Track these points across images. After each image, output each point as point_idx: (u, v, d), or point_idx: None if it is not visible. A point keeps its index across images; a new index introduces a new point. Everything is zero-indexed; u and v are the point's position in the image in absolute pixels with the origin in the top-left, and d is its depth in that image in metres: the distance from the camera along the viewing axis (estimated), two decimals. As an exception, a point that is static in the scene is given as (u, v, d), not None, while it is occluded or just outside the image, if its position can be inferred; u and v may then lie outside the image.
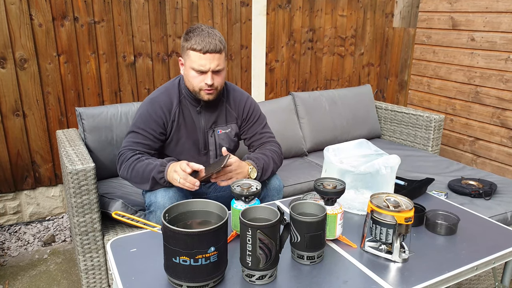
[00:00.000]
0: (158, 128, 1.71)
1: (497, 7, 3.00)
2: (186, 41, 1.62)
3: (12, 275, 2.17)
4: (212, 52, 1.59)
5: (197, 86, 1.66)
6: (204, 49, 1.58)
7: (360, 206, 1.52)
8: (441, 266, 1.20)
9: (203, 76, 1.63)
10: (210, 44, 1.58)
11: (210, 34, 1.60)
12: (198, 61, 1.60)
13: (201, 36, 1.59)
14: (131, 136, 1.70)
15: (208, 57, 1.59)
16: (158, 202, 1.59)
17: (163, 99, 1.73)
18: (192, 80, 1.66)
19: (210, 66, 1.61)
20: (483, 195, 2.11)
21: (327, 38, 3.30)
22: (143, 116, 1.71)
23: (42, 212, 2.62)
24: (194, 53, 1.60)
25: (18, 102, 2.37)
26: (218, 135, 1.80)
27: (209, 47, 1.58)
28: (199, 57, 1.59)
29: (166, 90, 1.76)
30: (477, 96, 3.22)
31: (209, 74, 1.62)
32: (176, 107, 1.73)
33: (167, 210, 1.10)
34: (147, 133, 1.69)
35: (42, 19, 2.32)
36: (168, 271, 1.06)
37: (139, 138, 1.69)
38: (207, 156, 1.82)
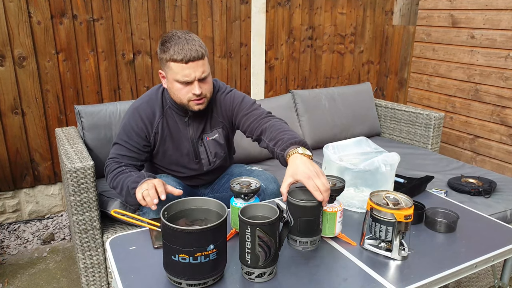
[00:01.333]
0: (141, 141, 1.65)
1: (497, 5, 2.99)
2: (164, 52, 1.50)
3: (11, 273, 2.17)
4: (194, 60, 1.47)
5: (184, 98, 1.55)
6: (186, 58, 1.46)
7: (360, 204, 1.52)
8: (440, 264, 1.20)
9: (189, 87, 1.52)
10: (191, 51, 1.46)
11: (188, 41, 1.48)
12: (182, 72, 1.49)
13: (179, 44, 1.47)
14: (116, 148, 1.65)
15: (191, 66, 1.48)
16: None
17: (144, 110, 1.64)
18: (178, 93, 1.55)
19: (196, 75, 1.50)
20: (482, 193, 2.11)
21: (326, 35, 3.30)
22: (125, 128, 1.65)
23: (41, 210, 2.62)
24: (175, 64, 1.48)
25: (17, 100, 2.36)
26: (206, 142, 1.73)
27: (190, 55, 1.46)
28: (182, 68, 1.48)
29: (149, 100, 1.67)
30: (477, 94, 3.21)
31: (195, 83, 1.51)
32: (160, 118, 1.65)
33: (166, 208, 1.10)
34: (131, 146, 1.63)
35: (41, 17, 2.32)
36: (168, 269, 1.06)
37: (123, 150, 1.63)
38: (200, 164, 1.76)
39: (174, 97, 1.59)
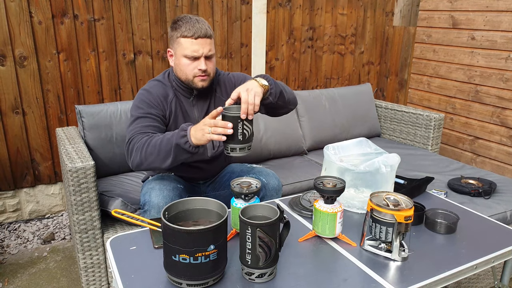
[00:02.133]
0: (160, 112, 1.67)
1: (497, 6, 3.00)
2: (175, 30, 1.62)
3: (11, 273, 2.17)
4: (203, 37, 1.60)
5: (190, 74, 1.64)
6: (196, 35, 1.58)
7: (360, 205, 1.52)
8: (440, 265, 1.20)
9: (196, 63, 1.62)
10: (201, 29, 1.59)
11: (198, 21, 1.61)
12: (191, 47, 1.60)
13: (190, 23, 1.60)
14: (137, 122, 1.62)
15: (200, 42, 1.60)
16: (153, 202, 1.58)
17: (159, 90, 1.71)
18: (185, 69, 1.64)
19: (203, 51, 1.61)
20: (482, 194, 2.11)
21: (327, 36, 3.30)
22: (143, 103, 1.66)
23: (41, 210, 2.62)
24: (185, 40, 1.60)
25: (17, 100, 2.37)
26: None
27: (200, 32, 1.59)
28: (192, 43, 1.59)
29: (159, 83, 1.74)
30: (477, 95, 3.22)
31: (202, 59, 1.62)
32: (173, 97, 1.72)
33: (167, 208, 1.10)
34: (154, 116, 1.64)
35: (42, 17, 2.32)
36: (168, 269, 1.06)
37: (147, 121, 1.62)
38: (204, 147, 1.78)
39: (180, 73, 1.67)
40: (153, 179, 1.73)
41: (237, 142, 1.32)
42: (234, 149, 1.33)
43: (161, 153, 1.48)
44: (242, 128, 1.31)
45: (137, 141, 1.54)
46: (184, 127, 1.46)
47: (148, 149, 1.50)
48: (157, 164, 1.51)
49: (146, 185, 1.70)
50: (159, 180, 1.67)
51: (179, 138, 1.44)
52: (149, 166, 1.53)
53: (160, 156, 1.48)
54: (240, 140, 1.32)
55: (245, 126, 1.32)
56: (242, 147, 1.33)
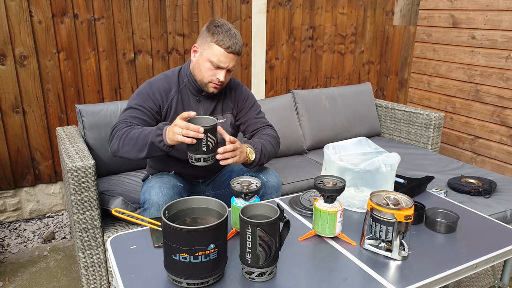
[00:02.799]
0: (155, 108, 1.70)
1: (497, 5, 2.99)
2: (212, 34, 1.63)
3: (12, 272, 2.17)
4: (234, 53, 1.65)
5: (207, 78, 1.68)
6: (230, 49, 1.62)
7: (360, 204, 1.52)
8: (440, 264, 1.20)
9: (217, 71, 1.66)
10: (236, 45, 1.64)
11: (236, 36, 1.65)
12: (220, 57, 1.63)
13: (228, 35, 1.62)
14: (128, 112, 1.68)
15: (230, 56, 1.64)
16: (152, 200, 1.59)
17: (161, 84, 1.73)
18: (204, 71, 1.67)
19: (228, 65, 1.65)
20: (482, 193, 2.11)
21: (327, 36, 3.30)
22: (141, 94, 1.70)
23: (42, 209, 2.62)
24: (219, 48, 1.62)
25: (18, 99, 2.37)
26: None
27: (234, 48, 1.63)
28: (223, 54, 1.63)
29: (165, 77, 1.76)
30: (477, 94, 3.22)
31: (223, 71, 1.66)
32: (175, 93, 1.74)
33: (167, 207, 1.10)
34: (145, 109, 1.68)
35: (42, 16, 2.32)
36: (168, 268, 1.07)
37: (137, 113, 1.67)
38: None
39: (197, 72, 1.71)
40: (153, 177, 1.74)
41: (201, 153, 1.40)
42: (198, 159, 1.41)
43: (136, 145, 1.55)
44: (206, 140, 1.38)
45: (119, 129, 1.62)
46: (161, 126, 1.53)
47: (126, 140, 1.57)
48: (131, 154, 1.58)
49: (146, 184, 1.71)
50: (159, 179, 1.68)
51: (155, 137, 1.51)
52: (124, 155, 1.61)
53: (135, 148, 1.56)
54: (204, 151, 1.40)
55: (209, 138, 1.38)
56: (206, 158, 1.41)
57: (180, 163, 1.80)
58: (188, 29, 2.74)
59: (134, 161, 2.29)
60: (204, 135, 1.36)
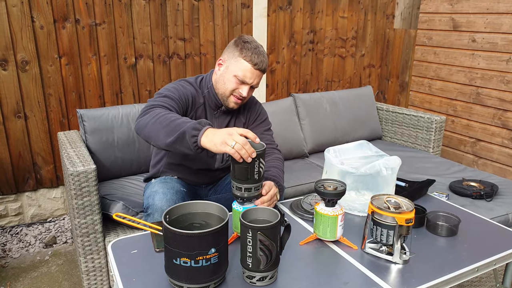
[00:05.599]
0: (185, 108, 1.66)
1: (498, 8, 3.00)
2: (241, 50, 1.64)
3: (13, 277, 2.17)
4: (261, 71, 1.66)
5: (229, 91, 1.68)
6: (257, 66, 1.64)
7: (361, 208, 1.52)
8: (442, 268, 1.20)
9: (240, 86, 1.66)
10: (263, 63, 1.65)
11: (263, 54, 1.67)
12: (247, 73, 1.63)
13: (257, 52, 1.64)
14: (164, 99, 1.57)
15: (256, 73, 1.65)
16: (156, 205, 1.58)
17: (191, 91, 1.72)
18: (228, 84, 1.67)
19: (253, 81, 1.66)
20: (484, 197, 2.11)
21: (328, 39, 3.31)
22: (176, 90, 1.65)
23: (43, 213, 2.62)
24: (247, 64, 1.63)
25: (19, 104, 2.38)
26: None
27: (261, 66, 1.65)
28: (250, 70, 1.63)
29: (192, 86, 1.75)
30: (478, 97, 3.21)
31: (247, 87, 1.67)
32: (201, 104, 1.74)
33: (168, 211, 1.10)
34: (180, 104, 1.62)
35: (44, 21, 2.33)
36: (169, 272, 1.07)
37: (173, 103, 1.58)
38: (213, 159, 1.81)
39: (220, 85, 1.70)
40: (156, 182, 1.73)
41: (253, 181, 1.25)
42: (249, 189, 1.25)
43: (167, 127, 1.37)
44: (258, 167, 1.25)
45: (156, 108, 1.48)
46: (204, 122, 1.35)
47: (160, 118, 1.40)
48: (156, 135, 1.40)
49: (150, 188, 1.70)
50: (163, 184, 1.68)
51: (191, 129, 1.32)
52: (148, 134, 1.43)
53: (164, 130, 1.37)
54: (256, 179, 1.25)
55: (261, 164, 1.25)
56: (257, 186, 1.27)
57: (187, 170, 1.80)
58: (189, 34, 2.75)
59: (136, 164, 2.29)
60: (257, 161, 1.22)
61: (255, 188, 1.27)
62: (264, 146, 1.27)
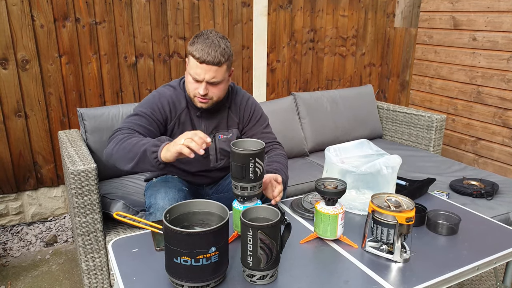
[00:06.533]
0: (161, 120, 1.64)
1: (498, 7, 2.99)
2: (190, 45, 1.57)
3: (14, 276, 2.18)
4: (209, 64, 1.52)
5: (191, 92, 1.61)
6: (202, 59, 1.51)
7: (361, 206, 1.52)
8: (442, 266, 1.20)
9: (198, 84, 1.58)
10: (209, 55, 1.51)
11: (213, 44, 1.52)
12: (195, 69, 1.55)
13: (204, 44, 1.52)
14: (133, 118, 1.60)
15: (203, 67, 1.53)
16: (158, 204, 1.58)
17: (171, 96, 1.68)
18: (188, 85, 1.62)
19: (205, 77, 1.54)
20: (485, 195, 2.10)
21: (328, 38, 3.30)
22: (149, 103, 1.64)
23: (44, 212, 2.63)
24: (193, 59, 1.55)
25: (20, 103, 2.38)
26: (219, 140, 1.75)
27: (206, 58, 1.51)
28: (196, 66, 1.54)
29: (174, 89, 1.71)
30: (479, 96, 3.21)
31: (203, 84, 1.56)
32: (184, 108, 1.69)
33: (168, 210, 1.10)
34: (152, 119, 1.61)
35: (44, 20, 2.33)
36: (169, 271, 1.07)
37: (143, 121, 1.59)
38: (207, 159, 1.78)
39: (186, 86, 1.66)
40: (158, 181, 1.73)
41: (248, 181, 1.26)
42: (244, 188, 1.27)
43: (130, 153, 1.43)
44: (254, 166, 1.24)
45: (120, 133, 1.52)
46: (163, 138, 1.45)
47: (123, 145, 1.46)
48: (122, 162, 1.46)
49: (151, 187, 1.70)
50: (164, 183, 1.68)
51: (151, 146, 1.39)
52: (116, 161, 1.49)
53: (127, 155, 1.44)
54: (251, 179, 1.25)
55: (257, 163, 1.25)
56: (253, 186, 1.27)
57: (186, 172, 1.79)
58: (189, 33, 2.75)
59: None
60: (252, 161, 1.23)
61: (251, 188, 1.27)
62: (261, 146, 1.27)
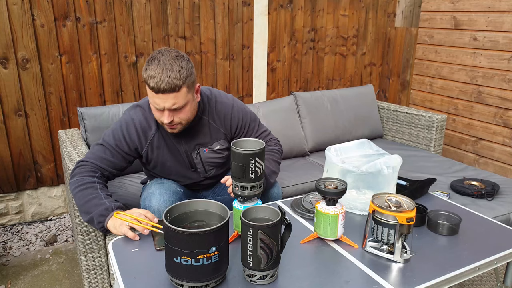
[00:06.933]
0: (129, 151, 1.59)
1: (499, 7, 2.99)
2: (143, 71, 1.42)
3: (14, 275, 2.18)
4: (165, 92, 1.38)
5: (158, 120, 1.51)
6: (156, 88, 1.37)
7: (362, 206, 1.52)
8: (443, 267, 1.20)
9: (161, 113, 1.46)
10: (163, 82, 1.36)
11: (166, 69, 1.37)
12: (153, 99, 1.43)
13: (156, 71, 1.37)
14: (98, 149, 1.56)
15: (161, 96, 1.39)
16: (153, 207, 1.57)
17: (140, 123, 1.58)
18: (154, 113, 1.51)
19: (165, 106, 1.42)
20: (485, 196, 2.10)
21: (329, 38, 3.30)
22: (116, 134, 1.57)
23: (44, 212, 2.63)
24: (148, 88, 1.42)
25: (20, 102, 2.37)
26: (204, 154, 1.68)
27: (160, 86, 1.37)
28: (153, 95, 1.41)
29: (143, 112, 1.60)
30: (480, 96, 3.21)
31: (165, 112, 1.44)
32: (155, 131, 1.60)
33: (169, 210, 1.10)
34: (116, 152, 1.56)
35: (44, 19, 2.33)
36: (170, 271, 1.06)
37: (107, 153, 1.55)
38: (197, 173, 1.74)
39: None
40: (153, 183, 1.71)
41: (249, 181, 1.25)
42: (245, 188, 1.26)
43: (83, 207, 1.44)
44: (254, 166, 1.24)
45: (82, 173, 1.50)
46: (111, 207, 1.41)
47: (78, 194, 1.46)
48: (78, 209, 1.49)
49: (146, 190, 1.69)
50: (159, 185, 1.66)
51: (98, 216, 1.40)
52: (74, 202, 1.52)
53: (81, 209, 1.45)
54: (251, 179, 1.25)
55: (257, 163, 1.24)
56: (254, 186, 1.27)
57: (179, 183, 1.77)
58: (189, 32, 2.75)
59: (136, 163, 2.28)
60: (252, 160, 1.22)
61: (252, 188, 1.27)
62: (262, 146, 1.26)
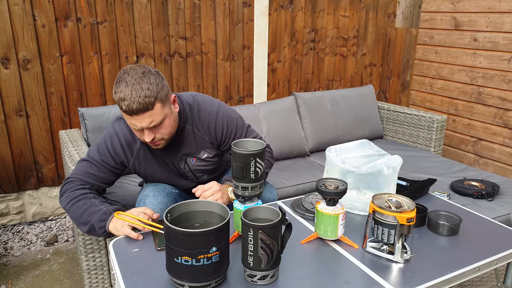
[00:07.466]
0: (115, 164, 1.55)
1: (499, 7, 2.99)
2: (114, 93, 1.36)
3: (15, 275, 2.18)
4: (139, 113, 1.33)
5: (140, 138, 1.46)
6: (129, 111, 1.32)
7: (362, 207, 1.52)
8: (443, 267, 1.20)
9: (141, 132, 1.42)
10: (134, 103, 1.31)
11: (134, 90, 1.31)
12: (129, 120, 1.38)
13: (124, 93, 1.31)
14: (84, 165, 1.53)
15: (135, 118, 1.35)
16: None
17: (124, 137, 1.54)
18: (134, 132, 1.48)
19: (142, 125, 1.37)
20: (485, 196, 2.10)
21: (329, 38, 3.30)
22: (100, 149, 1.53)
23: (45, 212, 2.63)
24: (121, 111, 1.37)
25: (21, 102, 2.38)
26: (192, 163, 1.66)
27: (133, 108, 1.31)
28: (127, 117, 1.37)
29: (127, 125, 1.55)
30: (480, 96, 3.21)
31: (145, 131, 1.40)
32: (140, 144, 1.57)
33: (169, 210, 1.10)
34: (103, 167, 1.53)
35: (45, 20, 2.33)
36: (170, 271, 1.07)
37: (93, 169, 1.52)
38: (188, 180, 1.72)
39: None
40: (147, 185, 1.70)
41: (249, 181, 1.25)
42: (245, 188, 1.27)
43: (81, 218, 1.42)
44: (254, 166, 1.25)
45: (71, 188, 1.47)
46: (109, 210, 1.40)
47: (73, 207, 1.44)
48: (76, 223, 1.47)
49: (141, 192, 1.68)
50: (153, 187, 1.65)
51: (98, 222, 1.39)
52: (71, 219, 1.51)
53: (79, 220, 1.43)
54: (252, 179, 1.25)
55: (258, 163, 1.25)
56: (254, 186, 1.27)
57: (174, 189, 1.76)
58: (190, 32, 2.75)
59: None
60: (253, 161, 1.23)
61: (252, 188, 1.27)
62: (262, 146, 1.27)
